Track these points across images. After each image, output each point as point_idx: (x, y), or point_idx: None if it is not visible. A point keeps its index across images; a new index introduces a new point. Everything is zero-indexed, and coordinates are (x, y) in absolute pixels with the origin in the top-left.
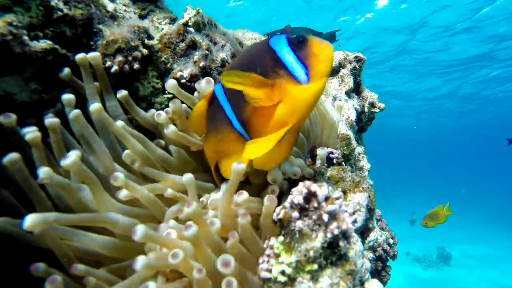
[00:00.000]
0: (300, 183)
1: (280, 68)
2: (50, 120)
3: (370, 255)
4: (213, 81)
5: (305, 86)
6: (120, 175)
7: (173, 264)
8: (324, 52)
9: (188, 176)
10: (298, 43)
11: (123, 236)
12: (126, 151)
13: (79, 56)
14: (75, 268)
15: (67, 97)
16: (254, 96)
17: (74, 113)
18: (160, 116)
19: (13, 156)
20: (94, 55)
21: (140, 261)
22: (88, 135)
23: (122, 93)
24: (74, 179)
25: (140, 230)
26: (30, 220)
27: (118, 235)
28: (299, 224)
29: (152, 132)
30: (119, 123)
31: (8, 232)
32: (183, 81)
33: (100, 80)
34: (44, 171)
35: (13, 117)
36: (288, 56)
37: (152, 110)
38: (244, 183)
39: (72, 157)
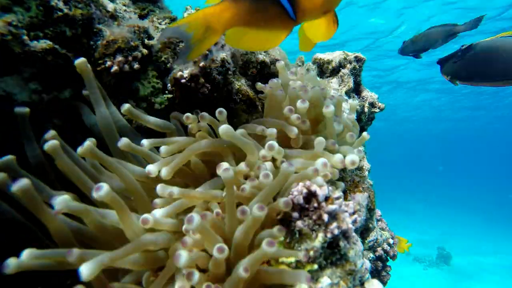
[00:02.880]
0: (300, 183)
1: None
2: (49, 143)
3: (370, 255)
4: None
5: None
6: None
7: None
8: None
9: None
10: None
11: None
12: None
13: (79, 62)
14: None
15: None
16: None
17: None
18: None
19: (23, 183)
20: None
21: (183, 258)
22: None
23: (125, 107)
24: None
25: (196, 219)
26: (88, 270)
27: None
28: (299, 224)
29: (163, 133)
30: (124, 140)
31: (38, 267)
32: (183, 81)
33: None
34: (59, 202)
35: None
36: None
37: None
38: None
39: (105, 187)
